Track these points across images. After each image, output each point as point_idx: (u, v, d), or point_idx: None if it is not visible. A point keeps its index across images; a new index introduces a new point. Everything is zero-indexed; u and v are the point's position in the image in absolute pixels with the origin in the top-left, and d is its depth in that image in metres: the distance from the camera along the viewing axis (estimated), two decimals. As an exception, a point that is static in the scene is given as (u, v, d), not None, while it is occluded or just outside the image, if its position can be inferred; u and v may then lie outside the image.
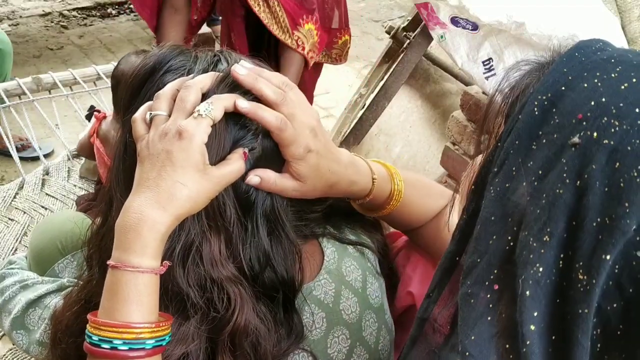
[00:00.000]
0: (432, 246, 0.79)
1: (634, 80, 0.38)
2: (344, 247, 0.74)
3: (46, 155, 2.39)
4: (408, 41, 2.02)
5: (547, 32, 1.36)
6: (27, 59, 3.52)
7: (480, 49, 1.59)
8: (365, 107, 2.15)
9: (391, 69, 2.06)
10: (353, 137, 2.17)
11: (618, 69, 0.39)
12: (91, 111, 1.61)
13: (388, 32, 2.13)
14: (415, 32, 1.98)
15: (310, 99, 2.14)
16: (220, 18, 2.04)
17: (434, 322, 0.47)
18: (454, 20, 1.59)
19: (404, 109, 2.23)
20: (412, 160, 2.17)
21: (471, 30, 1.57)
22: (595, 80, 0.39)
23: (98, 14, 4.29)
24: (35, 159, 2.41)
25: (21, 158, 2.15)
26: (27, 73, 2.80)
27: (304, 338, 0.65)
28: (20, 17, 4.11)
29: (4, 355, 1.38)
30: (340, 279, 0.70)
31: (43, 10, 4.24)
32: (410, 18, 2.06)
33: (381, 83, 2.09)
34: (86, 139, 1.62)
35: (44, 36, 3.90)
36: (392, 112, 2.20)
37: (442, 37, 1.66)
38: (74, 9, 4.30)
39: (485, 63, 1.59)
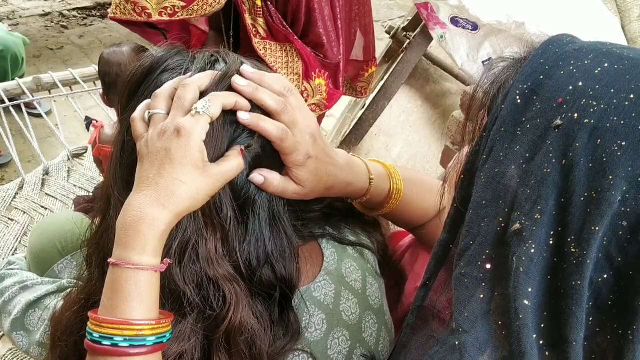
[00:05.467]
0: None
1: (606, 65, 0.40)
2: (344, 248, 0.74)
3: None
4: (408, 41, 2.02)
5: (547, 32, 1.36)
6: (27, 59, 3.52)
7: (480, 49, 1.59)
8: (365, 107, 2.15)
9: (391, 69, 2.06)
10: (353, 138, 2.17)
11: (590, 56, 0.42)
12: (88, 121, 1.63)
13: (388, 32, 2.13)
14: (415, 32, 1.98)
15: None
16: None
17: (433, 308, 0.49)
18: (454, 20, 1.59)
19: (404, 109, 2.23)
20: (412, 160, 2.17)
21: (471, 30, 1.57)
22: (571, 68, 0.41)
23: (98, 14, 4.29)
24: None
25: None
26: (27, 73, 2.81)
27: (301, 338, 0.64)
28: (20, 17, 4.11)
29: (4, 355, 1.39)
30: (340, 280, 0.70)
31: (43, 10, 4.24)
32: (410, 18, 2.06)
33: (381, 83, 2.09)
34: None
35: (44, 36, 3.90)
36: (392, 112, 2.20)
37: (442, 37, 1.66)
38: (74, 9, 4.30)
39: (485, 63, 1.59)
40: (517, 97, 0.43)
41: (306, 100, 1.61)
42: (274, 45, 1.56)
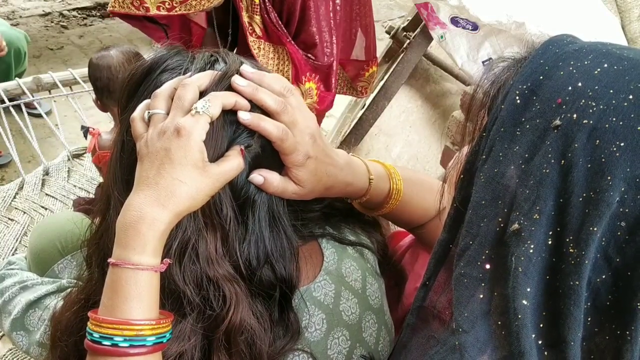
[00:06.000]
0: None
1: (605, 65, 0.40)
2: (344, 248, 0.74)
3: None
4: (408, 41, 2.02)
5: (547, 32, 1.36)
6: (27, 59, 3.53)
7: (480, 49, 1.59)
8: (365, 107, 2.15)
9: (391, 69, 2.06)
10: (353, 138, 2.17)
11: (590, 57, 0.42)
12: (85, 129, 1.64)
13: (388, 32, 2.13)
14: (415, 32, 1.98)
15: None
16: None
17: (433, 308, 0.49)
18: (454, 20, 1.59)
19: (404, 109, 2.23)
20: (412, 160, 2.17)
21: (471, 30, 1.57)
22: (571, 68, 0.42)
23: (98, 14, 4.29)
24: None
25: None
26: (27, 73, 2.81)
27: (300, 338, 0.64)
28: (20, 17, 4.11)
29: (4, 355, 1.39)
30: (340, 280, 0.70)
31: (43, 10, 4.24)
32: (410, 18, 2.06)
33: (381, 83, 2.09)
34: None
35: (44, 36, 3.90)
36: (392, 112, 2.20)
37: (442, 37, 1.66)
38: (74, 9, 4.30)
39: (485, 63, 1.59)
40: (517, 97, 0.43)
41: None
42: (267, 45, 1.56)
